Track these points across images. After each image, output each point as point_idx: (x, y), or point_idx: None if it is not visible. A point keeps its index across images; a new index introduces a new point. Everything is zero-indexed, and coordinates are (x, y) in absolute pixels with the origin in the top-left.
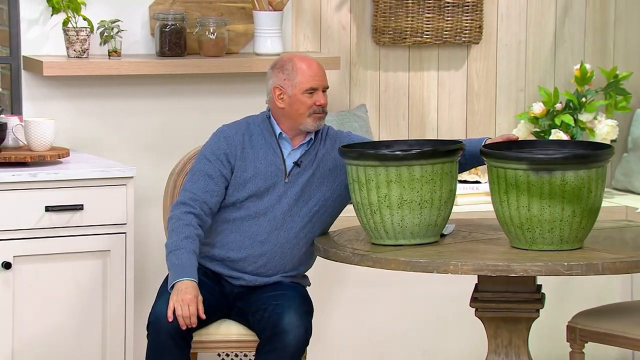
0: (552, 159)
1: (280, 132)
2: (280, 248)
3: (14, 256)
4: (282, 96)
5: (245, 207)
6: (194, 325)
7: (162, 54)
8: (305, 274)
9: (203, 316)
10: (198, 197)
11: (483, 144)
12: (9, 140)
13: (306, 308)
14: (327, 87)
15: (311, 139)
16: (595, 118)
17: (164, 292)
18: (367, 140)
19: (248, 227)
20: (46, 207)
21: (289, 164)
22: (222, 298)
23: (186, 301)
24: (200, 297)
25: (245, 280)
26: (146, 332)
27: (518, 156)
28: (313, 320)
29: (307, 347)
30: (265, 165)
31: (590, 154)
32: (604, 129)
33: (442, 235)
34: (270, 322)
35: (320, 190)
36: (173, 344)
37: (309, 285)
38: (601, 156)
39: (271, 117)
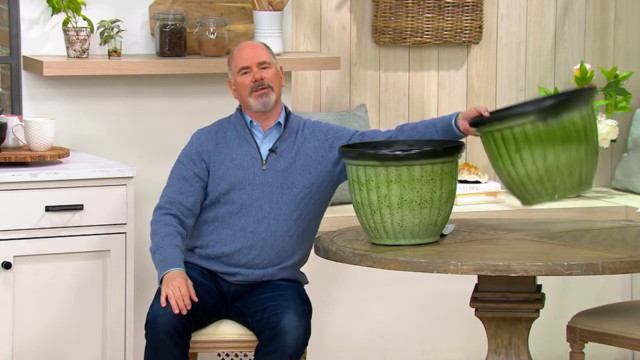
0: (557, 103)
1: (251, 120)
2: (272, 236)
3: (14, 256)
4: (233, 87)
5: (230, 201)
6: (189, 307)
7: (162, 54)
8: (302, 270)
9: (195, 298)
10: (173, 200)
11: (455, 118)
12: (9, 140)
13: (305, 308)
14: (265, 62)
15: (280, 122)
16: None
17: (159, 292)
18: (345, 129)
19: (237, 220)
20: (46, 207)
21: (264, 151)
22: (220, 298)
23: (176, 285)
24: (190, 282)
25: (242, 274)
26: (144, 332)
27: (523, 111)
28: (313, 320)
29: (307, 347)
30: (241, 156)
31: (586, 90)
32: (604, 129)
33: (442, 235)
34: (270, 323)
35: (303, 177)
36: (172, 342)
37: (307, 283)
38: (593, 91)
39: (242, 109)
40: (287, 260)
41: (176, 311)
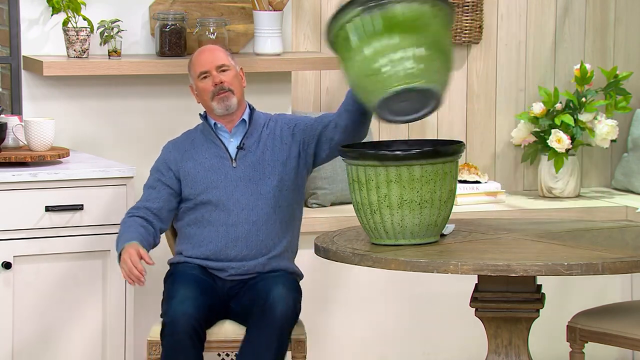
0: None
1: (215, 123)
2: (254, 226)
3: (14, 256)
4: (195, 92)
5: (206, 200)
6: (143, 273)
7: (162, 53)
8: (296, 263)
9: (150, 261)
10: (140, 206)
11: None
12: (9, 140)
13: (294, 286)
14: (223, 65)
15: (244, 119)
16: (595, 118)
17: (172, 294)
18: (306, 117)
19: (217, 217)
20: (46, 207)
21: (232, 149)
22: (218, 298)
23: (126, 257)
24: (142, 250)
25: (233, 268)
26: (161, 336)
27: (349, 5)
28: (313, 320)
29: (307, 348)
30: (209, 158)
31: None
32: (604, 129)
33: (442, 235)
34: (259, 299)
35: (274, 167)
36: (191, 343)
37: (302, 278)
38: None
39: (206, 114)
40: (274, 249)
41: (132, 283)
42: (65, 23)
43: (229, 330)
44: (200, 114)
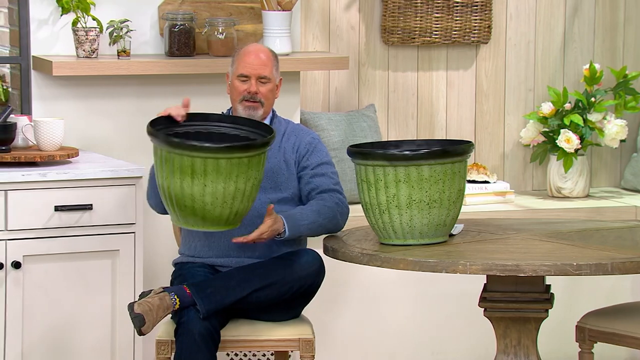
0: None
1: None
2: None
3: (23, 256)
4: (228, 82)
5: None
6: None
7: (171, 54)
8: None
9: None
10: None
11: None
12: (19, 140)
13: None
14: (265, 78)
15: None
16: (604, 118)
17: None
18: (315, 158)
19: None
20: (55, 206)
21: None
22: None
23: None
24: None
25: (237, 261)
26: (174, 336)
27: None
28: (321, 319)
29: (315, 347)
30: None
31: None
32: (613, 129)
33: (451, 235)
34: (282, 255)
35: (287, 178)
36: (205, 346)
37: None
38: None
39: (231, 109)
40: (283, 249)
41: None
42: (74, 23)
43: (241, 330)
44: (222, 113)
